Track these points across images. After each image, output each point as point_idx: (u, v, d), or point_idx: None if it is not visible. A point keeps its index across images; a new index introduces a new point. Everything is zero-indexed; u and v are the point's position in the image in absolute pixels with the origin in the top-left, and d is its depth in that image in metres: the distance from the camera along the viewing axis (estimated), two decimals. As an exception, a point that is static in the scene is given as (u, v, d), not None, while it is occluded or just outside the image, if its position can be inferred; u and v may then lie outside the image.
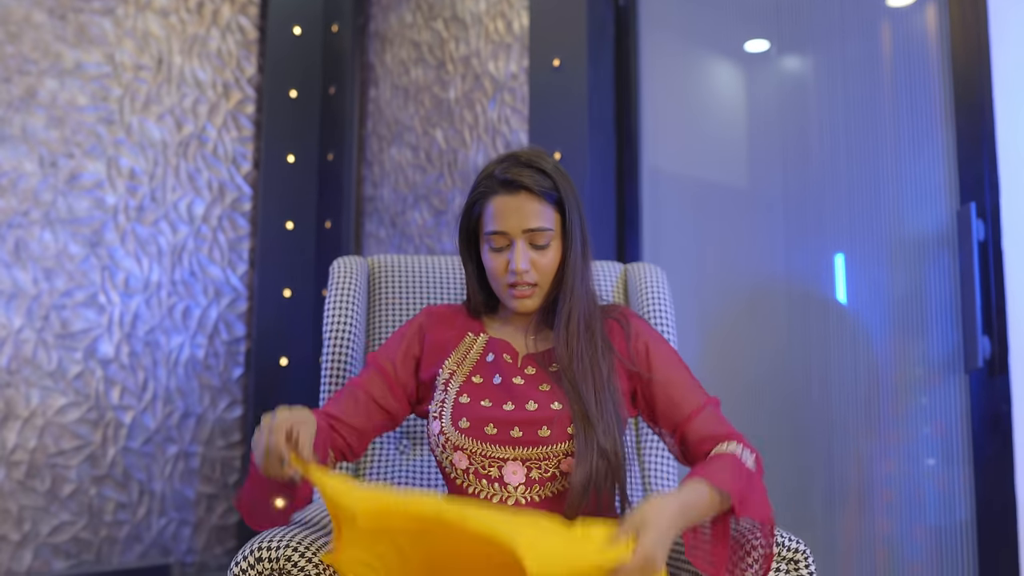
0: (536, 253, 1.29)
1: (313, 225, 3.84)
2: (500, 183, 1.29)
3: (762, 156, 2.30)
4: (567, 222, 1.30)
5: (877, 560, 1.91)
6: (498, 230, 1.28)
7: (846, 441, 1.99)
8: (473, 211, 1.35)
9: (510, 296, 1.31)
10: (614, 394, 1.26)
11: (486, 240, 1.32)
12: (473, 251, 1.39)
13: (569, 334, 1.28)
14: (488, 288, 1.40)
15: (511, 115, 2.98)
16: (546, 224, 1.28)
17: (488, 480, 1.25)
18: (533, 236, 1.28)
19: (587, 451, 1.21)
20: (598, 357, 1.27)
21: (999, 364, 1.66)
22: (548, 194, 1.28)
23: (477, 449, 1.25)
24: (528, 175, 1.27)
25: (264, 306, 3.70)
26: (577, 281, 1.30)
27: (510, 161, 1.30)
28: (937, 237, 1.84)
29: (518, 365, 1.33)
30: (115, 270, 3.42)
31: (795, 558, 1.22)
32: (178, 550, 3.54)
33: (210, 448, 3.63)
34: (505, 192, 1.28)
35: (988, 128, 1.71)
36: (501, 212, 1.28)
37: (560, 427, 1.24)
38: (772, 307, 2.19)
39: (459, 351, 1.36)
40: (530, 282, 1.29)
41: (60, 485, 3.25)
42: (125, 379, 3.42)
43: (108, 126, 3.43)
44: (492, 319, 1.42)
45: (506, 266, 1.29)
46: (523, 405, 1.26)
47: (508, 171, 1.28)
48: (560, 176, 1.30)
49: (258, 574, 1.16)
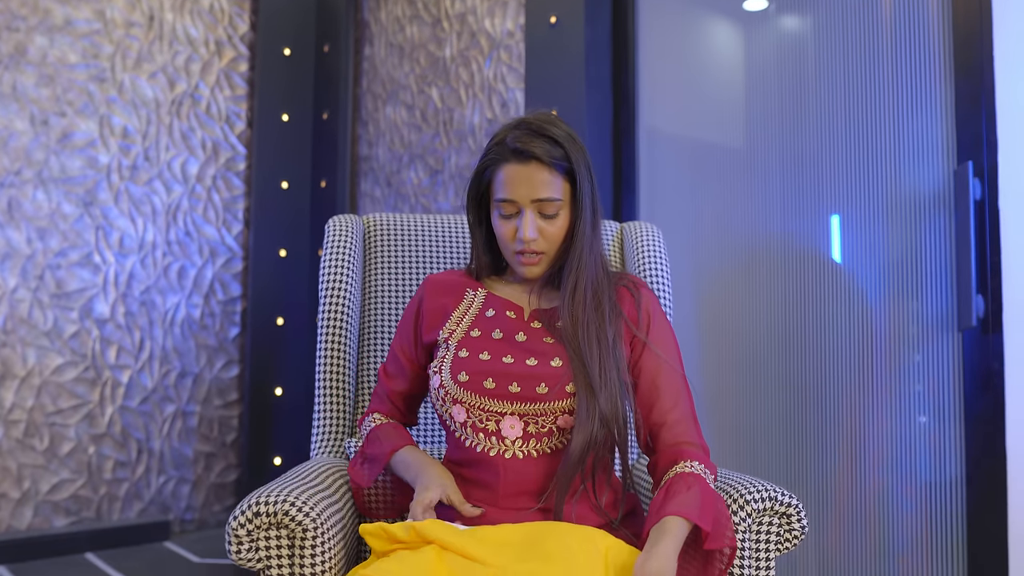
0: (545, 222, 1.29)
1: (308, 185, 3.82)
2: (511, 151, 1.28)
3: (760, 116, 2.29)
4: (577, 191, 1.30)
5: (868, 515, 1.94)
6: (507, 198, 1.29)
7: (839, 399, 2.01)
8: (483, 176, 1.35)
9: (518, 262, 1.32)
10: (619, 361, 1.27)
11: (496, 206, 1.32)
12: (483, 214, 1.40)
13: (575, 303, 1.29)
14: (495, 251, 1.42)
15: (507, 73, 2.96)
16: (555, 194, 1.28)
17: (485, 434, 1.26)
18: (542, 206, 1.28)
19: (588, 418, 1.22)
20: (605, 324, 1.28)
21: (992, 322, 1.66)
22: (559, 164, 1.28)
23: (475, 403, 1.26)
24: (539, 145, 1.27)
25: (260, 266, 3.70)
26: (585, 250, 1.31)
27: (522, 129, 1.29)
28: (934, 197, 1.84)
29: (524, 319, 1.34)
30: (109, 230, 3.41)
31: (787, 512, 1.24)
32: (177, 507, 3.57)
33: (207, 407, 3.65)
34: (516, 161, 1.28)
35: (988, 87, 1.70)
36: (511, 181, 1.28)
37: (558, 385, 1.25)
38: (768, 267, 2.19)
39: (459, 310, 1.38)
40: (537, 250, 1.30)
41: (59, 444, 3.27)
42: (121, 339, 3.42)
43: (100, 84, 3.40)
44: (496, 280, 1.44)
45: (514, 233, 1.30)
46: (523, 360, 1.27)
47: (519, 140, 1.28)
48: (572, 144, 1.30)
49: (256, 528, 1.17)
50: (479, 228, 1.41)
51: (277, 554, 1.19)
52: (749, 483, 1.26)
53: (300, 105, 3.82)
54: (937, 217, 1.84)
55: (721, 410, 2.31)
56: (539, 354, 1.28)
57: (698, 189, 2.46)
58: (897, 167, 1.93)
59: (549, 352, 1.28)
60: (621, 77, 2.64)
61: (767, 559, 1.24)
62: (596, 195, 1.34)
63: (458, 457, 1.31)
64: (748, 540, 1.23)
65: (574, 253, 1.30)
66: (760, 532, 1.24)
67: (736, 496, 1.24)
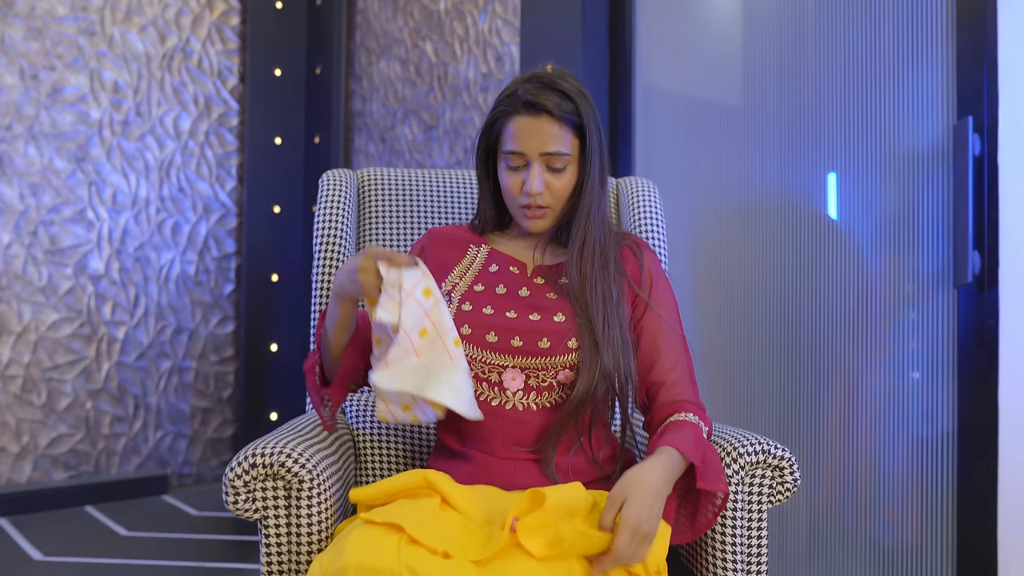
0: (552, 176, 1.29)
1: (301, 140, 3.79)
2: (522, 104, 1.28)
3: (757, 72, 2.26)
4: (586, 147, 1.30)
5: (860, 469, 1.96)
6: (516, 150, 1.28)
7: (834, 355, 2.02)
8: (493, 128, 1.34)
9: (523, 216, 1.32)
10: (623, 319, 1.28)
11: (503, 158, 1.31)
12: (490, 167, 1.39)
13: (583, 259, 1.29)
14: (500, 205, 1.41)
15: (502, 27, 2.92)
16: (564, 149, 1.28)
17: (488, 384, 1.27)
18: (550, 159, 1.28)
19: (590, 371, 1.23)
20: (610, 282, 1.28)
21: (988, 279, 1.66)
22: (569, 118, 1.27)
23: (478, 355, 1.27)
24: (550, 98, 1.26)
25: (253, 222, 3.68)
26: (594, 206, 1.30)
27: (534, 82, 1.29)
28: (932, 152, 1.83)
29: (528, 274, 1.35)
30: (102, 185, 3.38)
31: (780, 465, 1.25)
32: (175, 462, 3.60)
33: (203, 363, 3.66)
34: (526, 113, 1.28)
35: (990, 41, 1.68)
36: (520, 133, 1.28)
37: (560, 340, 1.25)
38: (764, 223, 2.18)
39: (462, 265, 1.37)
40: (543, 204, 1.30)
41: (56, 399, 3.28)
42: (116, 295, 3.42)
43: (89, 38, 3.35)
44: (500, 236, 1.43)
45: (521, 186, 1.30)
46: (526, 315, 1.28)
47: (531, 92, 1.27)
48: (583, 100, 1.30)
49: (252, 479, 1.18)
50: (487, 181, 1.41)
51: (274, 504, 1.20)
52: (743, 436, 1.27)
53: (293, 59, 3.77)
54: (935, 173, 1.83)
55: (715, 365, 2.32)
56: (543, 309, 1.28)
57: (694, 145, 2.44)
58: (896, 123, 1.91)
59: (552, 307, 1.29)
60: (618, 31, 2.61)
61: (759, 511, 1.25)
62: (605, 153, 1.33)
63: None
64: (741, 492, 1.24)
65: (582, 209, 1.30)
66: (753, 485, 1.25)
67: (729, 449, 1.25)
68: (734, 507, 1.24)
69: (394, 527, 1.02)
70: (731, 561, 1.23)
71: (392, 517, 1.03)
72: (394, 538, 1.00)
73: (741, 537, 1.24)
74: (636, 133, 2.58)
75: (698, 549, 1.29)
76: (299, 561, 1.20)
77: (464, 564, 0.99)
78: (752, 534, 1.25)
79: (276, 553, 1.21)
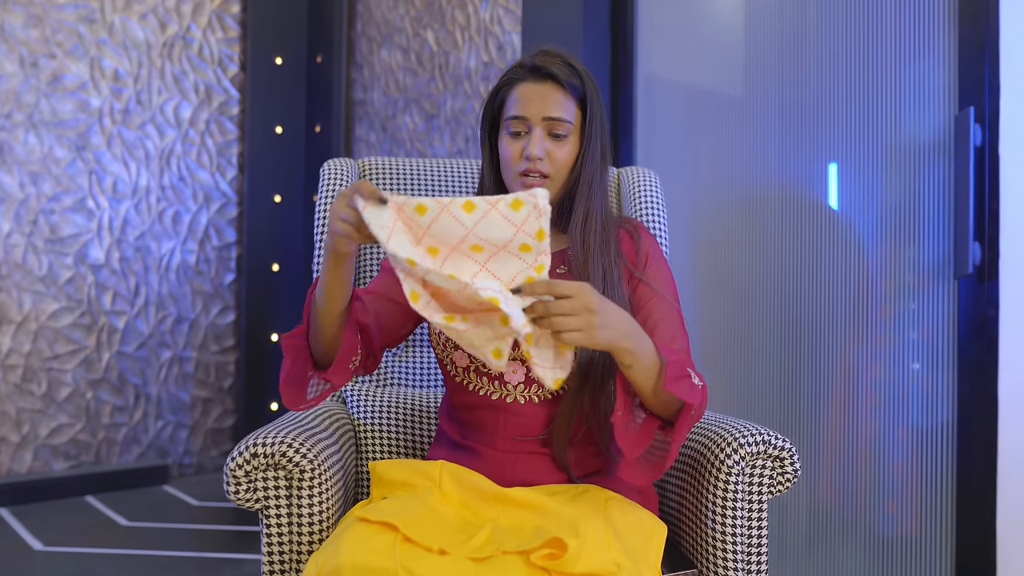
0: (553, 144, 1.28)
1: (302, 129, 3.78)
2: (529, 70, 1.29)
3: (759, 62, 2.25)
4: (588, 121, 1.29)
5: (859, 460, 1.96)
6: (518, 115, 1.28)
7: (834, 346, 2.02)
8: (497, 97, 1.34)
9: (520, 185, 1.29)
10: (622, 299, 1.27)
11: (505, 126, 1.30)
12: (494, 142, 1.37)
13: (587, 231, 1.27)
14: (503, 184, 1.38)
15: (504, 15, 2.91)
16: (567, 116, 1.27)
17: (488, 378, 1.27)
18: (552, 125, 1.27)
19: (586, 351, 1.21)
20: (611, 261, 1.28)
21: (989, 270, 1.66)
22: (574, 88, 1.28)
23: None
24: (558, 65, 1.27)
25: (254, 211, 3.68)
26: (595, 180, 1.29)
27: (542, 52, 1.31)
28: (934, 143, 1.82)
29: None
30: (102, 174, 3.38)
31: (780, 456, 1.25)
32: (175, 452, 3.61)
33: (204, 353, 3.66)
34: (532, 79, 1.28)
35: (992, 32, 1.67)
36: (525, 97, 1.28)
37: None
38: (765, 214, 2.18)
39: None
40: (543, 171, 1.28)
41: (57, 388, 3.29)
42: (117, 284, 3.42)
43: (89, 25, 3.33)
44: None
45: (521, 152, 1.28)
46: None
47: (537, 58, 1.29)
48: (588, 77, 1.30)
49: (254, 468, 1.18)
50: (489, 156, 1.38)
51: (275, 495, 1.20)
52: (743, 427, 1.27)
53: (294, 48, 3.76)
54: (936, 164, 1.82)
55: (716, 355, 2.32)
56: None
57: (696, 134, 2.44)
58: (897, 113, 1.90)
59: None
60: (620, 21, 2.60)
61: (760, 501, 1.25)
62: (607, 133, 1.33)
63: (459, 401, 1.31)
64: (741, 483, 1.24)
65: (584, 181, 1.29)
66: (753, 475, 1.25)
67: (730, 439, 1.25)
68: (735, 497, 1.24)
69: (388, 526, 1.01)
70: (731, 551, 1.23)
71: (387, 516, 1.03)
72: (389, 537, 0.99)
73: (741, 527, 1.24)
74: (637, 123, 2.58)
75: (698, 539, 1.29)
76: (300, 551, 1.21)
77: (461, 561, 0.98)
78: (752, 524, 1.25)
79: (277, 543, 1.21)
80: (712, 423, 1.35)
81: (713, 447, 1.26)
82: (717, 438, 1.27)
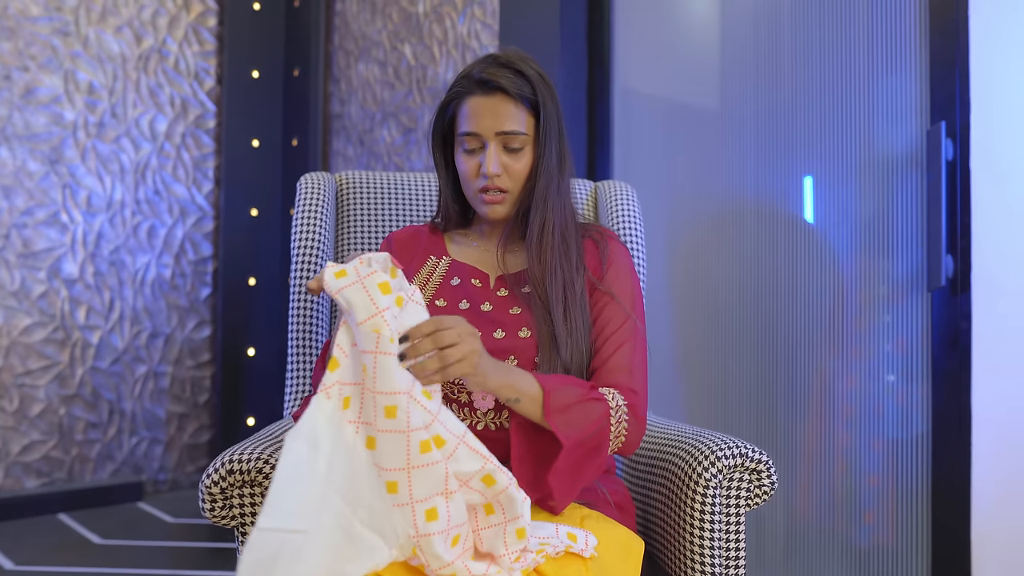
0: (509, 157, 1.25)
1: (279, 143, 3.77)
2: (476, 83, 1.24)
3: (735, 76, 2.28)
4: (542, 128, 1.25)
5: (836, 471, 1.98)
6: (471, 131, 1.24)
7: (810, 358, 2.03)
8: (447, 111, 1.30)
9: (480, 201, 1.27)
10: (585, 313, 1.23)
11: (459, 142, 1.27)
12: (448, 156, 1.34)
13: (543, 246, 1.24)
14: (463, 198, 1.36)
15: (481, 30, 2.92)
16: (520, 128, 1.24)
17: (458, 405, 1.23)
18: (506, 139, 1.24)
19: (548, 366, 1.19)
20: (572, 273, 1.24)
21: (961, 282, 1.68)
22: (525, 98, 1.24)
23: None
24: (506, 76, 1.23)
25: (231, 225, 3.65)
26: (551, 190, 1.25)
27: (488, 61, 1.26)
28: (906, 157, 1.85)
29: (490, 286, 1.29)
30: (76, 188, 3.34)
31: (758, 468, 1.25)
32: (150, 468, 3.56)
33: (179, 368, 3.63)
34: (481, 93, 1.24)
35: (963, 47, 1.70)
36: (475, 113, 1.24)
37: (527, 356, 1.21)
38: (740, 227, 2.20)
39: (421, 275, 1.31)
40: (501, 187, 1.25)
41: (29, 405, 3.24)
42: (91, 299, 3.38)
43: (64, 38, 3.31)
44: (461, 238, 1.38)
45: (477, 169, 1.25)
46: (490, 333, 1.22)
47: (485, 71, 1.24)
48: (541, 82, 1.25)
49: (229, 485, 1.17)
50: (445, 171, 1.35)
51: (251, 512, 1.19)
52: (720, 439, 1.28)
53: (270, 61, 3.75)
54: (909, 177, 1.85)
55: (693, 368, 2.33)
56: (506, 325, 1.23)
57: (672, 148, 2.46)
58: (870, 127, 1.93)
59: (517, 323, 1.23)
60: (596, 35, 2.62)
61: (737, 514, 1.26)
62: (564, 138, 1.29)
63: None
64: (719, 495, 1.25)
65: (539, 192, 1.25)
66: (731, 488, 1.25)
67: (707, 452, 1.25)
68: (713, 510, 1.24)
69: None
70: (709, 564, 1.24)
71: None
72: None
73: (719, 540, 1.24)
74: (614, 137, 2.59)
75: (676, 552, 1.29)
76: (276, 568, 1.19)
77: None
78: (730, 537, 1.25)
79: (253, 560, 1.20)
80: (689, 436, 1.35)
81: (691, 460, 1.27)
82: (694, 451, 1.27)
